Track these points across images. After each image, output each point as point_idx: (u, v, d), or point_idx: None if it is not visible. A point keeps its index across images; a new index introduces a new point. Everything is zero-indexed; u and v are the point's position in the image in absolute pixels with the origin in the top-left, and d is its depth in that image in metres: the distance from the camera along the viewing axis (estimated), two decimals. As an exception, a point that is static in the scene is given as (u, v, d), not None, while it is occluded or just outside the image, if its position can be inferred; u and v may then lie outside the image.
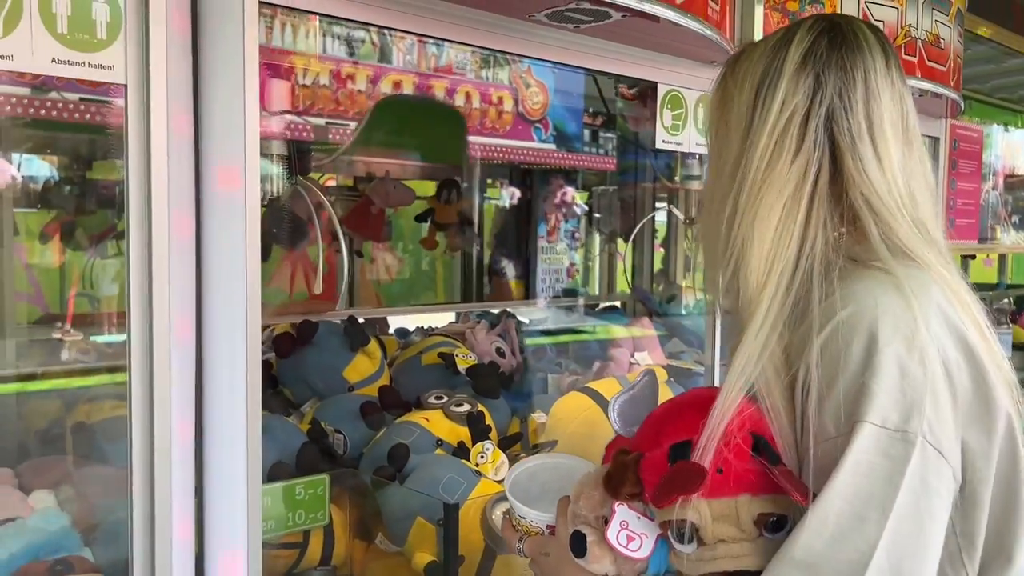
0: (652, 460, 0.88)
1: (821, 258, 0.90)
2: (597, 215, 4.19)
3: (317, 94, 3.71)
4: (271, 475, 1.57)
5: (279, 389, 1.94)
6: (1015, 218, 3.61)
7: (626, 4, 1.28)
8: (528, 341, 2.64)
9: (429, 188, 3.56)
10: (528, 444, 1.88)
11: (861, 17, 1.80)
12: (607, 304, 3.35)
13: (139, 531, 1.05)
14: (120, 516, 1.39)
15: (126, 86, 1.00)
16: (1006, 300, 3.99)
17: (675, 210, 2.47)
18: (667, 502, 0.85)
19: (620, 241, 3.79)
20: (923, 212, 0.94)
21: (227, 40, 1.05)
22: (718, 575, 0.85)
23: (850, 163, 0.92)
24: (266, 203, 3.43)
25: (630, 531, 0.90)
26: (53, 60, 0.95)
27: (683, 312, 3.05)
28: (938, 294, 0.87)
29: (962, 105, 2.28)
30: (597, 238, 4.47)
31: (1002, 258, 5.43)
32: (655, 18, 1.36)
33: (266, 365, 2.00)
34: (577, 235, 4.76)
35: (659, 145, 1.63)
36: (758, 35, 1.73)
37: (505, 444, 1.84)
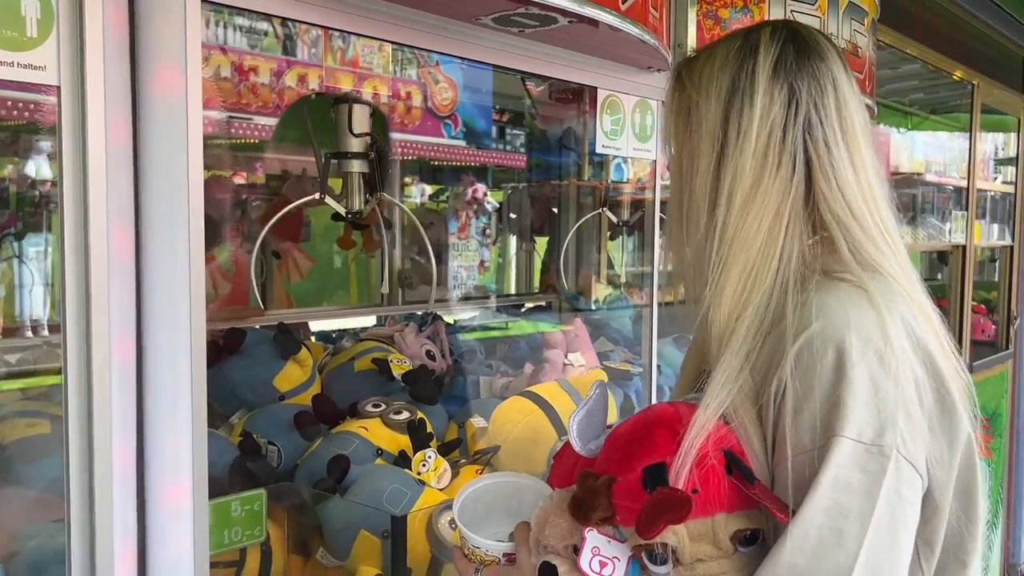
0: (626, 485, 0.86)
1: (796, 270, 0.90)
2: (511, 214, 4.20)
3: (219, 87, 3.58)
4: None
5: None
6: (905, 216, 3.80)
7: (572, 9, 1.28)
8: (457, 342, 2.62)
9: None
10: (467, 450, 1.87)
11: (787, 25, 1.85)
12: (534, 304, 3.36)
13: (78, 560, 0.98)
14: (42, 543, 1.31)
15: (59, 88, 0.93)
16: None
17: (609, 213, 2.49)
18: (655, 532, 0.83)
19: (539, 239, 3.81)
20: (891, 218, 0.95)
21: (168, 38, 0.99)
22: None
23: (823, 175, 0.91)
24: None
25: (602, 556, 0.88)
26: (-23, 59, 0.87)
27: (593, 307, 3.08)
28: (904, 308, 0.89)
29: (875, 110, 2.37)
30: (511, 236, 4.48)
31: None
32: (599, 23, 1.36)
33: (190, 375, 1.92)
34: (488, 232, 4.76)
35: (599, 149, 1.64)
36: (691, 41, 1.76)
37: (444, 451, 1.81)
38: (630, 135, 1.70)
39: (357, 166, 1.99)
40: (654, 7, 1.47)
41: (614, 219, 2.52)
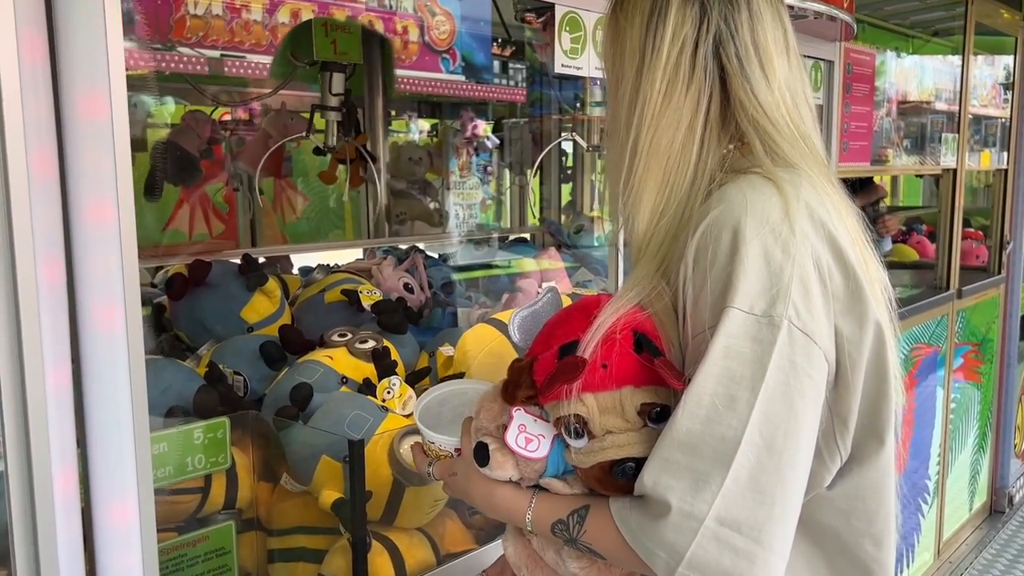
0: (543, 361, 0.91)
1: (710, 179, 0.94)
2: (509, 148, 4.16)
3: (210, 25, 3.54)
4: (168, 422, 1.52)
5: (174, 333, 1.87)
6: (907, 142, 3.75)
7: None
8: (437, 275, 2.62)
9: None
10: (436, 378, 1.87)
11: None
12: (516, 236, 3.34)
13: (16, 489, 0.98)
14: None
15: (-36, 4, 0.90)
16: None
17: (578, 138, 2.45)
18: (551, 394, 0.88)
19: (530, 174, 3.79)
20: (807, 125, 0.98)
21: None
22: (607, 464, 0.89)
23: (739, 87, 0.94)
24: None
25: (528, 434, 0.94)
26: None
27: (595, 244, 3.07)
28: (813, 197, 0.90)
29: (855, 28, 2.31)
30: (508, 172, 4.45)
31: (895, 180, 5.65)
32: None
33: (159, 308, 1.92)
34: (490, 169, 4.72)
35: (558, 69, 1.60)
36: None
37: (413, 379, 1.82)
38: (591, 53, 1.66)
39: (333, 116, 2.64)
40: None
41: (583, 143, 2.49)
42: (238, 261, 1.94)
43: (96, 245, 1.01)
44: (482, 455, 0.96)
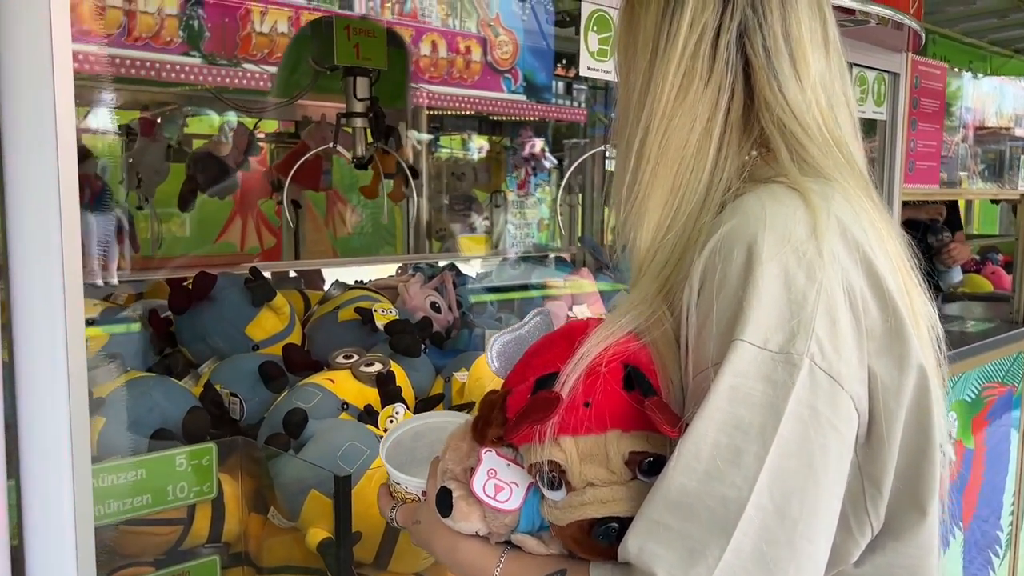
0: (516, 396, 0.77)
1: (726, 188, 0.79)
2: (569, 169, 4.04)
3: (275, 42, 3.55)
4: (153, 445, 1.42)
5: (177, 349, 1.77)
6: (983, 169, 3.52)
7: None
8: (467, 294, 2.49)
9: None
10: (450, 406, 1.73)
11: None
12: (557, 256, 3.21)
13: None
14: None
15: None
16: None
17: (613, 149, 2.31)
18: (520, 435, 0.75)
19: (559, 190, 3.69)
20: (844, 131, 0.83)
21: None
22: (586, 523, 0.74)
23: (764, 83, 0.80)
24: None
25: (499, 480, 0.80)
26: None
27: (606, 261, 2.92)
28: (841, 208, 0.75)
29: (923, 37, 2.12)
30: (559, 191, 4.35)
31: (969, 207, 5.34)
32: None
33: (165, 322, 1.83)
34: (549, 189, 4.61)
35: (584, 72, 1.46)
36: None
37: (426, 406, 1.69)
38: (622, 57, 1.51)
39: (360, 123, 2.48)
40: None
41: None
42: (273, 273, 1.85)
43: (34, 253, 0.91)
44: (444, 503, 0.83)
